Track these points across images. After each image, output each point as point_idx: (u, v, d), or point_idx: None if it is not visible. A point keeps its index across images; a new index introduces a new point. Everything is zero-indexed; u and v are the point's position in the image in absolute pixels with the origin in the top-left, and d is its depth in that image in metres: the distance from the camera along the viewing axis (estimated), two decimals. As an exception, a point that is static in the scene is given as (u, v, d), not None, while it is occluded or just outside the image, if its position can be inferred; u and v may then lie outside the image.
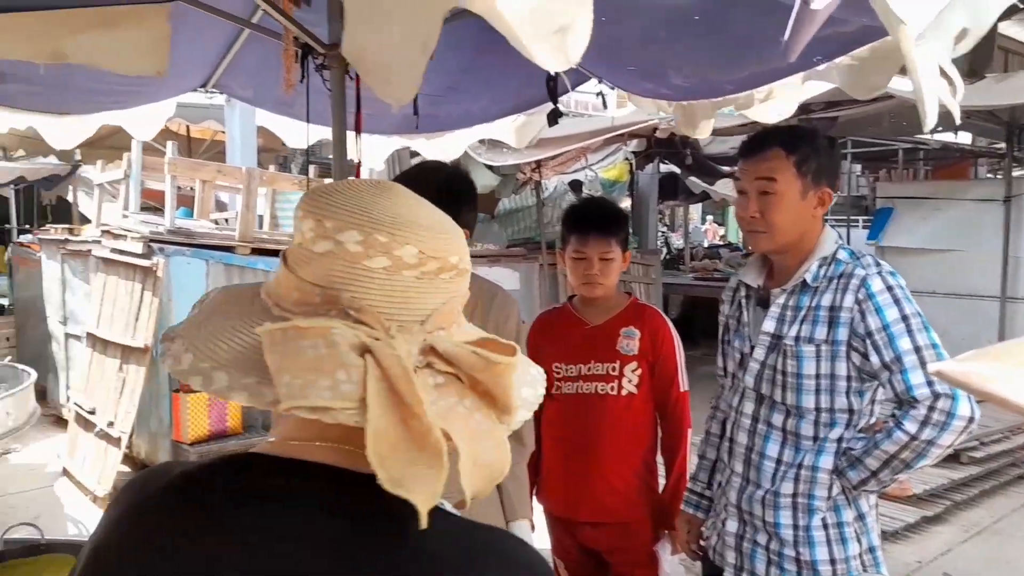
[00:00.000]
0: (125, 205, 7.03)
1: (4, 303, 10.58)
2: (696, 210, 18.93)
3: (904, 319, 2.02)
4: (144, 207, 7.19)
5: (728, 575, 2.29)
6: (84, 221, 9.29)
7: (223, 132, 8.60)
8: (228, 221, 7.45)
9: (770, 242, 2.19)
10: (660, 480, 2.87)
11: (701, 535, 2.50)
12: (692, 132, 3.55)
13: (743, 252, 12.85)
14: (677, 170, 10.34)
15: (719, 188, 11.24)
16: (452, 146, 4.63)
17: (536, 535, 2.60)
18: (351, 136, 3.00)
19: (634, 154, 9.51)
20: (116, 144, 7.27)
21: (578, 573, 2.91)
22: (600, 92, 3.68)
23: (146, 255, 5.81)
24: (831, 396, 2.12)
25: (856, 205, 13.86)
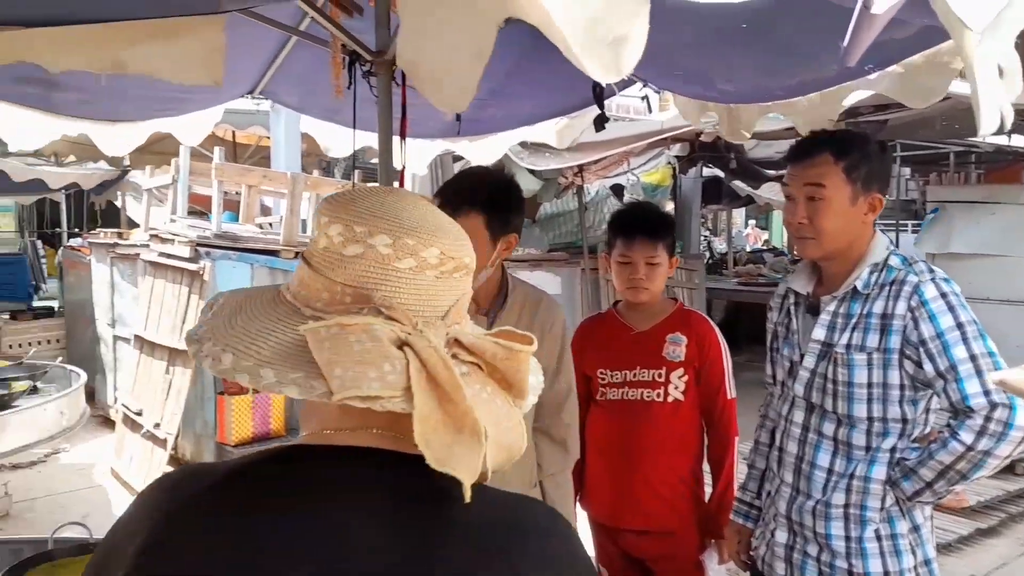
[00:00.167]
0: (173, 209, 7.15)
1: (54, 305, 10.79)
2: (739, 215, 18.76)
3: (959, 327, 1.99)
4: (190, 211, 7.29)
5: (777, 586, 2.26)
6: (132, 225, 9.43)
7: (268, 137, 8.68)
8: (272, 225, 7.52)
9: (818, 248, 2.16)
10: (706, 489, 2.84)
11: (750, 545, 2.47)
12: (735, 137, 3.52)
13: (788, 257, 12.71)
14: (720, 174, 10.24)
15: (764, 192, 11.13)
16: (494, 148, 4.62)
17: (580, 543, 2.57)
18: (396, 141, 3.01)
19: (677, 158, 9.42)
20: (163, 149, 7.36)
21: (622, 582, 2.89)
22: (645, 96, 3.65)
23: (193, 259, 5.90)
24: (884, 405, 2.08)
25: (905, 209, 13.59)
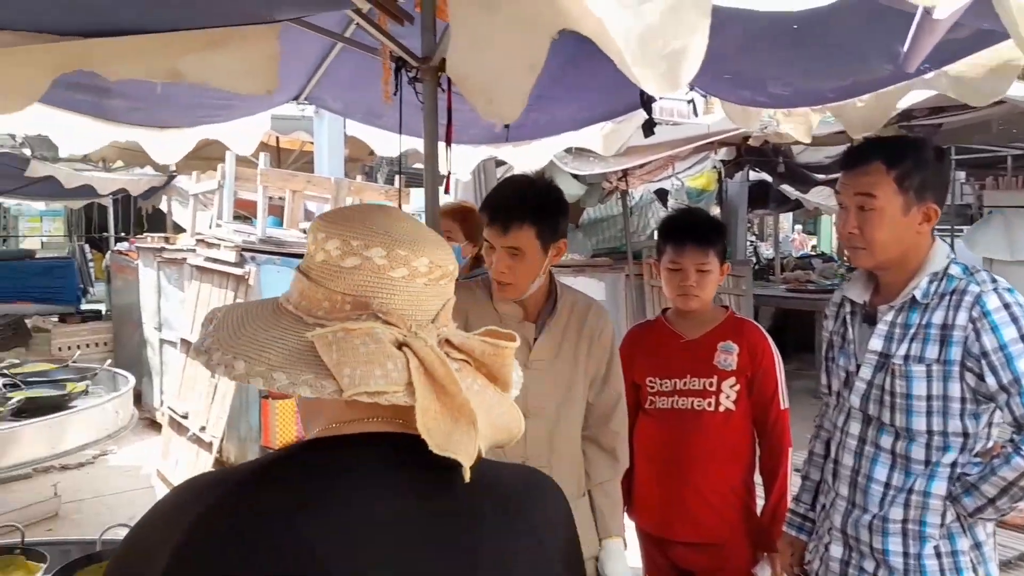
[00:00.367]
0: (218, 215, 7.21)
1: (102, 309, 10.97)
2: (786, 220, 18.51)
3: (1023, 339, 1.92)
4: (235, 216, 7.35)
5: (832, 602, 2.21)
6: (178, 230, 9.55)
7: (311, 143, 8.74)
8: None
9: (870, 258, 2.11)
10: (758, 501, 2.78)
11: (803, 559, 2.41)
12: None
13: (838, 263, 12.47)
14: (768, 178, 10.09)
15: (812, 196, 10.97)
16: (539, 154, 4.61)
17: (628, 553, 2.54)
18: (441, 147, 3.00)
19: (723, 162, 9.32)
20: (209, 155, 7.43)
21: (671, 594, 2.84)
22: (691, 99, 3.62)
23: (238, 264, 5.94)
24: (944, 418, 2.02)
25: (961, 214, 13.22)
